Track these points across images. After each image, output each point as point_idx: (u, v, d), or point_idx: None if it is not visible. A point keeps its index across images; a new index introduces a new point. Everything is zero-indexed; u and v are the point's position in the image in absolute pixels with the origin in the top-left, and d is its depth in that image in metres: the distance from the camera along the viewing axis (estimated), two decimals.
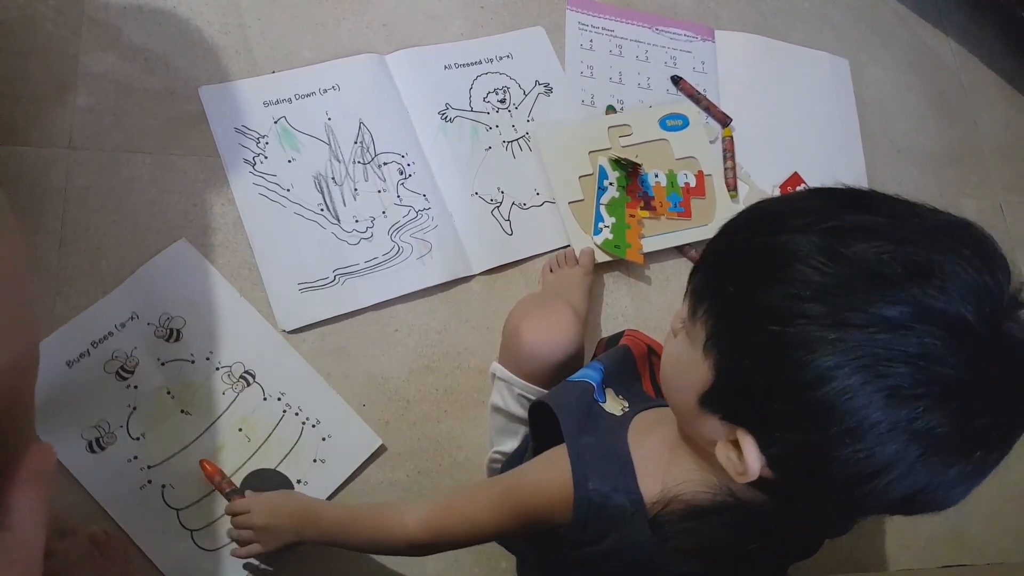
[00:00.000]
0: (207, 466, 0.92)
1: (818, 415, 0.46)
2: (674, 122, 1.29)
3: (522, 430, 0.92)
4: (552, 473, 0.66)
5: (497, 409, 0.94)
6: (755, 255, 0.50)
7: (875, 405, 0.45)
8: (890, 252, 0.45)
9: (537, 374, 0.89)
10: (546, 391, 0.86)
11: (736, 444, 0.53)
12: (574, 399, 0.72)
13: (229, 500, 0.89)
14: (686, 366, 0.56)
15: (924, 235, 0.47)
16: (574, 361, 0.90)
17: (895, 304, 0.44)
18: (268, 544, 0.83)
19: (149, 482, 0.91)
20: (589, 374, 0.76)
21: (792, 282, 0.46)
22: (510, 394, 0.92)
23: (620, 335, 0.92)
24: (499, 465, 0.95)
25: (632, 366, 0.84)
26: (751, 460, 0.51)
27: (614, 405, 0.73)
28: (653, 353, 0.87)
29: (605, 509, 0.63)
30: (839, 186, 0.54)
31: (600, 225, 1.17)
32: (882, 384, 0.44)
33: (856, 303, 0.45)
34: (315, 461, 0.97)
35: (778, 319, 0.47)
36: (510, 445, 0.93)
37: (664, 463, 0.63)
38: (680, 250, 1.22)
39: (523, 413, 0.90)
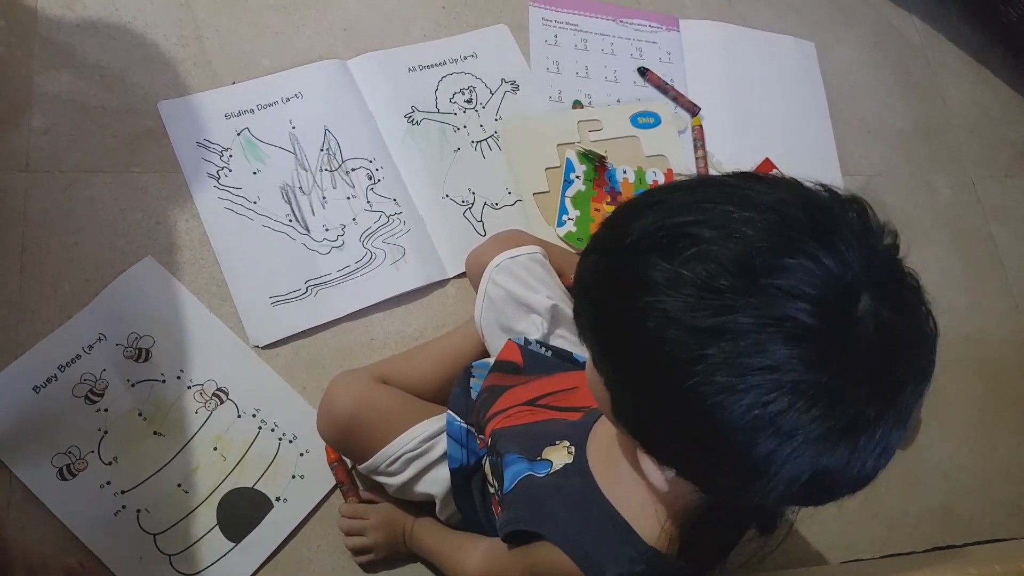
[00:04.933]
0: (331, 452, 0.95)
1: (695, 435, 0.48)
2: (646, 120, 1.28)
3: (433, 473, 0.87)
4: (560, 559, 0.64)
5: (398, 490, 0.88)
6: (611, 282, 0.50)
7: (739, 418, 0.45)
8: (716, 264, 0.45)
9: (368, 440, 0.86)
10: (401, 436, 0.85)
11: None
12: (545, 498, 0.69)
13: (343, 492, 0.95)
14: (593, 377, 0.56)
15: (755, 230, 0.46)
16: (378, 408, 0.87)
17: (734, 317, 0.44)
18: (376, 543, 0.91)
19: (124, 507, 0.89)
20: (519, 469, 0.72)
21: (651, 312, 0.46)
22: (391, 469, 0.86)
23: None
24: (447, 511, 0.90)
25: (534, 432, 0.77)
26: (653, 476, 0.54)
27: (559, 454, 0.71)
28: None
29: None
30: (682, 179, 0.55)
31: (564, 217, 1.16)
32: (744, 398, 0.44)
33: (706, 325, 0.45)
34: (294, 477, 0.95)
35: (644, 351, 0.47)
36: (438, 489, 0.87)
37: (647, 497, 0.61)
38: None
39: (414, 470, 0.86)
